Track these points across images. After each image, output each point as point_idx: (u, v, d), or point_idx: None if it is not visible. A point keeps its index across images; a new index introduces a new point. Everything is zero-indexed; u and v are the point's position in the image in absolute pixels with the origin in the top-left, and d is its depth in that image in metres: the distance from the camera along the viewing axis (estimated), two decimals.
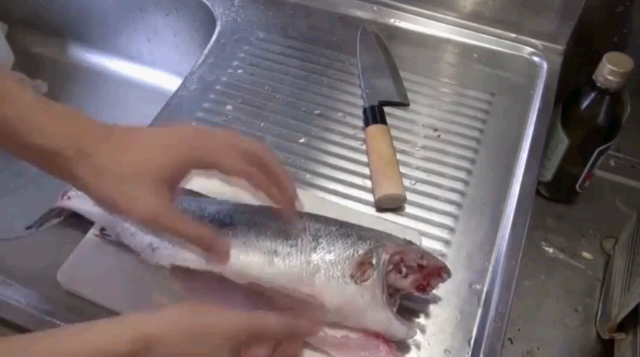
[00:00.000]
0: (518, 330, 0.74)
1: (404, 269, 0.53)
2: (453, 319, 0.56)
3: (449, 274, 0.55)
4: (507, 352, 0.72)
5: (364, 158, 0.68)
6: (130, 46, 0.97)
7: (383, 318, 0.51)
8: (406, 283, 0.53)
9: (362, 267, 0.52)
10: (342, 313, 0.52)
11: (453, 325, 0.56)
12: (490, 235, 0.63)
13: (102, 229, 0.58)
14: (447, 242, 0.62)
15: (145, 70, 0.98)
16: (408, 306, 0.56)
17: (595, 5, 0.79)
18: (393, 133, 0.70)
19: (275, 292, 0.51)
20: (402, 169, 0.66)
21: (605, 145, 0.74)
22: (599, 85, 0.70)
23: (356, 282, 0.52)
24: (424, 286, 0.54)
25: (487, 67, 0.80)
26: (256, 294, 0.51)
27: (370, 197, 0.65)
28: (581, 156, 0.77)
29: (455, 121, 0.73)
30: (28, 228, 0.61)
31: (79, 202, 0.58)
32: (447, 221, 0.64)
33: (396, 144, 0.69)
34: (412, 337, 0.53)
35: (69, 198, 0.59)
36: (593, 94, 0.72)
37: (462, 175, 0.68)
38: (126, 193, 0.47)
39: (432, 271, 0.54)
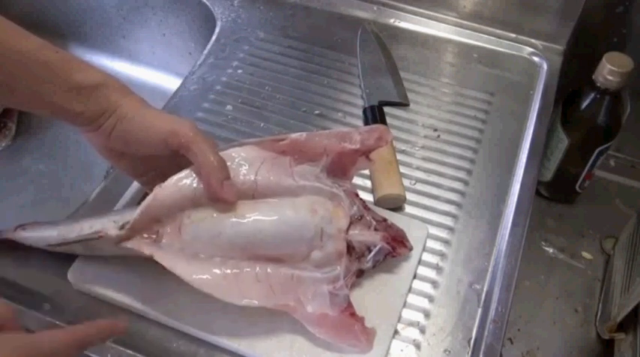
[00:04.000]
0: (518, 330, 0.74)
1: (373, 222, 0.56)
2: (452, 319, 0.56)
3: (411, 246, 0.57)
4: (507, 352, 0.72)
5: None
6: (130, 47, 0.97)
7: None
8: (377, 237, 0.55)
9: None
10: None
11: (453, 325, 0.56)
12: (490, 235, 0.63)
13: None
14: (446, 242, 0.62)
15: (145, 70, 0.98)
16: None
17: (595, 5, 0.79)
18: (393, 133, 0.70)
19: None
20: (402, 169, 0.66)
21: (605, 145, 0.74)
22: (599, 85, 0.70)
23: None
24: (392, 247, 0.56)
25: (487, 67, 0.80)
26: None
27: (370, 197, 0.65)
28: (581, 156, 0.77)
29: (455, 121, 0.73)
30: None
31: (31, 232, 0.56)
32: (447, 221, 0.64)
33: (396, 144, 0.69)
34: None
35: (23, 229, 0.56)
36: (593, 94, 0.72)
37: (461, 175, 0.68)
38: (169, 119, 0.51)
39: (397, 235, 0.56)
